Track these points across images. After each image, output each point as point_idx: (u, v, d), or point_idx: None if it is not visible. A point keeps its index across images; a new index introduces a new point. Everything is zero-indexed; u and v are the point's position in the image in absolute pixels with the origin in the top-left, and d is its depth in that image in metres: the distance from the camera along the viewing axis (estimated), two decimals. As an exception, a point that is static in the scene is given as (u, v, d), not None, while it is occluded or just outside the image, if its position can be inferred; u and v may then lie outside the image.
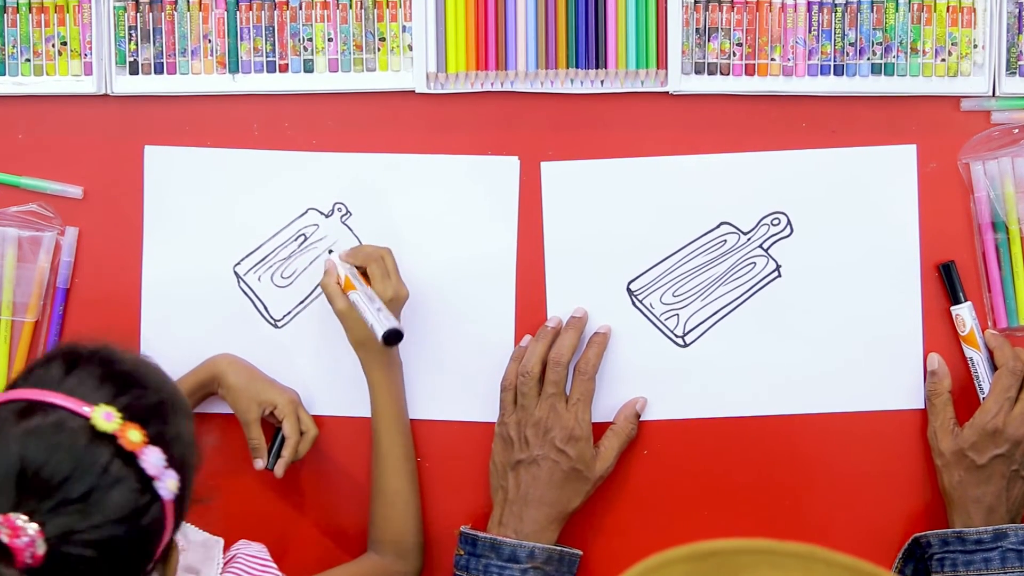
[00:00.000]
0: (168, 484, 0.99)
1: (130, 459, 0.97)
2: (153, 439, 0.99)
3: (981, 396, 1.37)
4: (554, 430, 1.34)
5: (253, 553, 1.25)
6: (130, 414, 0.99)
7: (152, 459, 0.98)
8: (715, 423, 1.41)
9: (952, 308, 1.38)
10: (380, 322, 1.29)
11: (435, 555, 1.41)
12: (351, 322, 1.34)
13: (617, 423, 1.39)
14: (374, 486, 1.40)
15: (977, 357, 1.37)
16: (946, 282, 1.38)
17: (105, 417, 0.97)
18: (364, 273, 1.36)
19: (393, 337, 1.29)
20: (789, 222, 1.41)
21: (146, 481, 0.98)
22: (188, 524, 1.23)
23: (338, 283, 1.34)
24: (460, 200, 1.42)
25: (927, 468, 1.39)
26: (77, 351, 1.04)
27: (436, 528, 1.42)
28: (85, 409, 0.98)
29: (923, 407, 1.39)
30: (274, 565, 1.24)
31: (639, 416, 1.40)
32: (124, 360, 1.05)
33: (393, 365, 1.39)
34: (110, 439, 0.97)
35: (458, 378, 1.42)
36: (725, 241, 1.41)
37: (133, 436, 0.97)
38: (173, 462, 1.00)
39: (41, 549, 0.92)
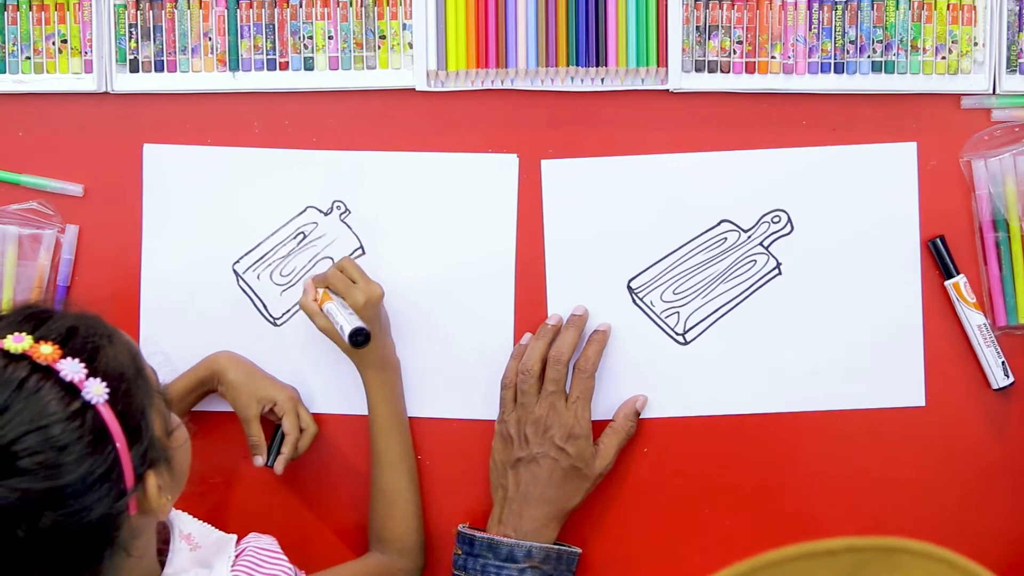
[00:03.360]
0: (93, 389, 1.00)
1: (49, 373, 0.99)
2: (71, 353, 1.01)
3: (984, 364, 1.37)
4: (554, 428, 1.34)
5: (264, 546, 1.25)
6: (44, 335, 1.01)
7: (68, 367, 1.00)
8: (715, 421, 1.40)
9: (950, 282, 1.38)
10: (348, 323, 1.31)
11: (435, 553, 1.41)
12: (333, 335, 1.35)
13: (617, 421, 1.39)
14: (373, 486, 1.40)
15: (986, 322, 1.37)
16: (937, 257, 1.38)
17: (15, 339, 1.00)
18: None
19: (359, 337, 1.30)
20: (789, 220, 1.40)
21: (71, 389, 0.99)
22: (204, 523, 1.24)
23: (315, 300, 1.36)
24: (460, 198, 1.42)
25: (927, 467, 1.39)
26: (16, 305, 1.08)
27: (436, 526, 1.42)
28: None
29: (923, 405, 1.39)
30: (284, 557, 1.25)
31: (639, 414, 1.40)
32: (50, 305, 1.07)
33: (387, 366, 1.39)
34: (25, 359, 0.99)
35: (458, 376, 1.42)
36: (725, 239, 1.41)
37: (44, 350, 1.00)
38: (103, 375, 1.01)
39: None
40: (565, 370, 1.36)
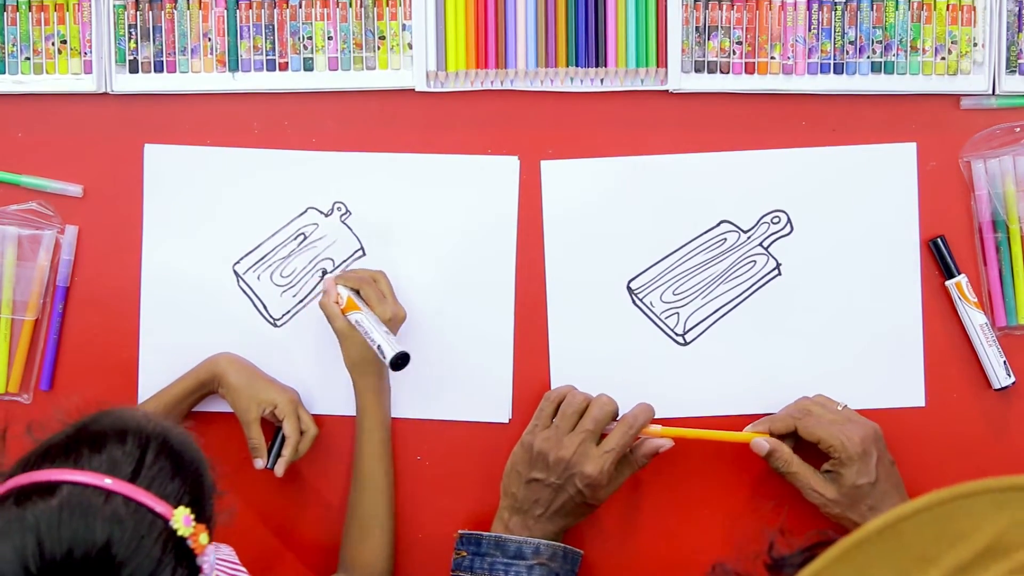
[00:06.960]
0: None
1: (191, 558, 1.00)
2: (212, 537, 1.02)
3: (986, 364, 1.38)
4: (577, 470, 1.32)
5: (223, 557, 1.24)
6: (195, 509, 1.01)
7: (210, 560, 1.01)
8: (715, 421, 1.40)
9: (951, 281, 1.38)
10: (391, 346, 1.30)
11: (434, 555, 1.41)
12: (349, 343, 1.35)
13: (636, 456, 1.35)
14: (350, 508, 1.39)
15: (988, 321, 1.37)
16: (938, 257, 1.38)
17: (185, 522, 1.00)
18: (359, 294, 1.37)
19: (401, 361, 1.30)
20: (789, 220, 1.41)
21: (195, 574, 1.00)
22: None
23: (336, 303, 1.35)
24: (460, 199, 1.42)
25: (926, 466, 1.39)
26: (145, 435, 1.04)
27: (435, 528, 1.41)
28: (164, 510, 0.99)
29: (923, 405, 1.39)
30: (243, 569, 1.24)
31: (656, 453, 1.36)
32: (184, 446, 1.06)
33: (384, 390, 1.39)
34: (182, 542, 0.99)
35: (458, 378, 1.42)
36: (725, 239, 1.41)
37: (203, 539, 1.00)
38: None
39: None
40: (610, 418, 1.34)
